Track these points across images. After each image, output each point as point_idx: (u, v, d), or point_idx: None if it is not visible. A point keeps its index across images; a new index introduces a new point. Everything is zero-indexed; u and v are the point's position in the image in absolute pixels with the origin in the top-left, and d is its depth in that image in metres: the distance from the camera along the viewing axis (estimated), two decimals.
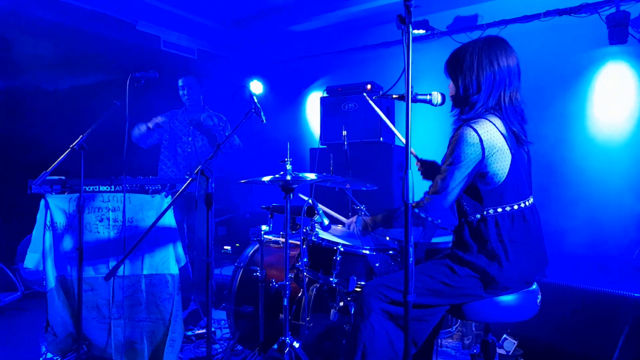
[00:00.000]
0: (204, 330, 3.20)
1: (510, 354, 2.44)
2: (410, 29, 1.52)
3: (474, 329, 2.85)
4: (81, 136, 2.58)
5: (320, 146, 4.34)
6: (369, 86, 4.20)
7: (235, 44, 6.54)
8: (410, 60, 1.52)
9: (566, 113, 4.82)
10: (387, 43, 5.72)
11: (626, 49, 4.44)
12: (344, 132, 3.05)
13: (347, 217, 3.21)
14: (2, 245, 4.55)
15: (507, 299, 1.78)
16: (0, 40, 4.65)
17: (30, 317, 3.54)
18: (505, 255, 1.74)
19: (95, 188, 2.76)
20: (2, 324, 3.43)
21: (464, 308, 1.80)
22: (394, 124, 4.45)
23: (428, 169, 2.19)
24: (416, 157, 2.22)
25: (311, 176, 2.08)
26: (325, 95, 4.41)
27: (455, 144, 1.75)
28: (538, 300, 1.86)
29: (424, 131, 4.82)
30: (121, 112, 3.10)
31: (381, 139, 4.05)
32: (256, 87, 6.41)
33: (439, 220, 1.81)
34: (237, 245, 5.82)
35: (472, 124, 1.75)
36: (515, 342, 2.46)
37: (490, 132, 1.74)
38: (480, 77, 1.81)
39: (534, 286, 1.87)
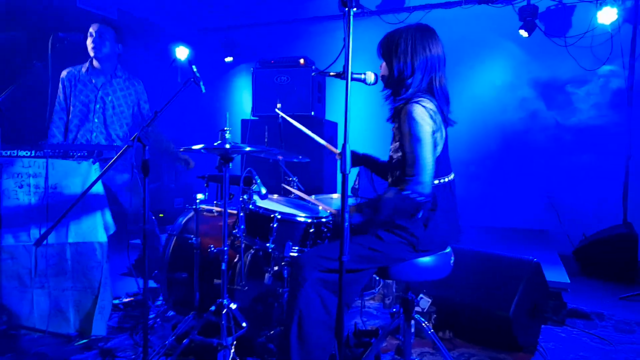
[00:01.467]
0: (131, 299, 3.18)
1: (425, 310, 2.70)
2: (352, 13, 1.62)
3: (394, 291, 3.12)
4: None
5: (252, 118, 4.36)
6: (302, 60, 4.26)
7: (160, 7, 6.24)
8: (351, 42, 1.63)
9: (483, 96, 5.28)
10: (320, 18, 5.79)
11: (533, 38, 4.91)
12: (279, 105, 3.11)
13: (280, 189, 3.32)
14: None
15: (426, 260, 2.00)
16: None
17: None
18: (432, 222, 1.94)
19: (14, 153, 2.60)
20: None
21: (390, 270, 2.00)
22: (324, 100, 4.58)
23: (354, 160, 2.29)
24: (336, 152, 2.28)
25: (249, 147, 2.14)
26: (257, 67, 4.41)
27: (410, 120, 1.86)
28: (451, 262, 2.11)
29: (355, 109, 5.03)
30: (42, 73, 2.93)
31: (312, 112, 4.16)
32: (181, 52, 6.21)
33: (430, 198, 1.86)
34: (161, 215, 5.70)
35: (417, 101, 1.89)
36: (430, 300, 2.73)
37: (431, 109, 1.90)
38: (414, 61, 1.96)
39: (449, 249, 2.11)
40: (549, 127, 5.17)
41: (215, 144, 2.09)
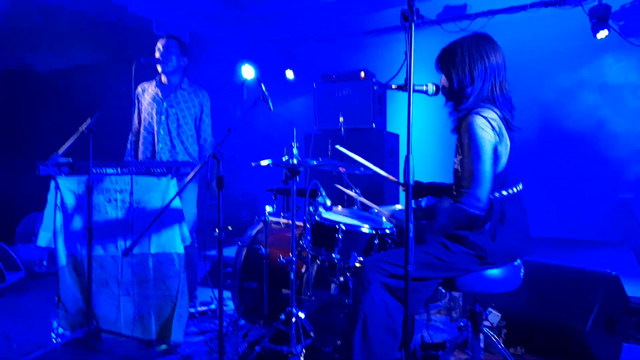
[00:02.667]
0: (206, 308, 3.35)
1: (494, 325, 2.64)
2: (413, 27, 1.66)
3: (461, 304, 3.07)
4: (89, 119, 2.68)
5: (316, 131, 4.48)
6: (362, 73, 4.33)
7: (227, 25, 6.57)
8: (412, 56, 1.67)
9: (549, 102, 5.05)
10: (380, 30, 5.84)
11: (607, 40, 4.65)
12: (341, 119, 3.19)
13: (344, 201, 3.38)
14: (1, 226, 4.63)
15: (495, 272, 1.97)
16: None
17: (34, 296, 3.65)
18: (501, 234, 1.92)
19: (103, 170, 2.86)
20: (9, 302, 3.53)
21: (456, 280, 1.99)
22: (385, 111, 4.61)
23: (415, 191, 2.31)
24: (399, 183, 2.32)
25: (315, 161, 2.22)
26: (320, 81, 4.53)
27: (470, 132, 1.87)
28: (521, 274, 2.06)
29: (417, 121, 5.01)
30: (125, 94, 3.22)
31: (373, 125, 4.21)
32: (248, 71, 6.50)
33: (483, 212, 1.85)
34: (230, 228, 5.93)
35: (479, 112, 1.89)
36: (499, 314, 2.67)
37: (495, 120, 1.89)
38: (473, 70, 1.97)
39: (518, 261, 2.06)
40: (620, 134, 4.84)
41: (284, 158, 2.20)
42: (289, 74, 6.36)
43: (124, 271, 2.82)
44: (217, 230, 2.14)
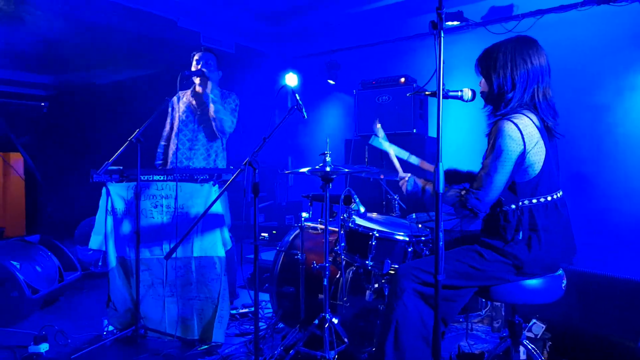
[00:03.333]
0: (247, 310, 3.44)
1: (538, 337, 2.55)
2: (442, 35, 1.65)
3: (503, 313, 2.97)
4: (138, 129, 2.84)
5: (355, 137, 4.49)
6: (402, 79, 4.31)
7: (271, 38, 6.75)
8: (442, 64, 1.66)
9: (602, 105, 4.80)
10: (421, 35, 5.78)
11: None
12: (378, 125, 3.19)
13: (381, 207, 3.37)
14: (61, 228, 4.96)
15: (533, 282, 1.91)
16: (56, 42, 5.00)
17: (88, 295, 3.88)
18: (536, 244, 1.86)
19: (150, 177, 3.01)
20: (65, 301, 3.78)
21: (492, 290, 1.94)
22: (427, 116, 4.56)
23: (452, 178, 2.30)
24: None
25: (347, 168, 2.24)
26: (359, 88, 4.55)
27: (497, 137, 1.83)
28: (563, 285, 1.98)
29: (456, 125, 4.91)
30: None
31: (414, 130, 4.17)
32: (291, 79, 6.63)
33: (483, 215, 1.89)
34: (274, 232, 6.05)
35: (511, 118, 1.85)
36: (544, 326, 2.57)
37: (528, 126, 1.84)
38: (514, 75, 1.91)
39: (560, 272, 1.98)
40: None
41: (317, 166, 2.23)
42: (331, 81, 6.43)
43: (169, 274, 2.96)
44: (263, 235, 2.20)
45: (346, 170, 2.20)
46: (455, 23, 5.43)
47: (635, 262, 4.36)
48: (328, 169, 2.17)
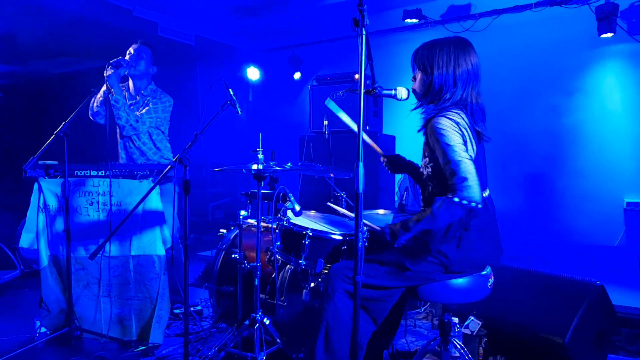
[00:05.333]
0: (192, 308, 3.36)
1: (474, 333, 2.57)
2: (364, 32, 1.63)
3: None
4: (64, 122, 2.71)
5: (309, 134, 4.45)
6: (356, 76, 4.28)
7: (233, 31, 6.62)
8: (364, 61, 1.64)
9: (556, 105, 4.90)
10: (382, 31, 5.78)
11: (615, 40, 4.48)
12: (325, 122, 3.17)
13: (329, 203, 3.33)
14: (2, 226, 4.75)
15: (459, 281, 1.91)
16: (4, 31, 4.78)
17: (28, 294, 3.73)
18: (466, 242, 1.86)
19: (87, 173, 2.90)
20: (1, 301, 3.62)
21: (419, 290, 1.93)
22: (381, 114, 4.55)
23: (394, 164, 2.30)
24: (381, 153, 2.34)
25: (279, 166, 2.20)
26: (314, 84, 4.51)
27: (440, 133, 1.81)
28: (489, 284, 1.99)
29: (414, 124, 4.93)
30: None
31: (367, 127, 4.15)
32: (252, 73, 6.53)
33: (481, 204, 1.73)
34: (232, 228, 5.98)
35: (444, 114, 1.84)
36: (480, 322, 2.59)
37: (462, 124, 1.84)
38: (456, 73, 1.91)
39: (487, 270, 1.99)
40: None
41: (256, 166, 2.18)
42: (297, 76, 6.37)
43: (105, 273, 2.86)
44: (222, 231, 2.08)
45: (277, 168, 2.15)
46: (414, 20, 5.45)
47: (580, 261, 4.48)
48: (260, 166, 2.12)
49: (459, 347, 2.09)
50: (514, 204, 4.90)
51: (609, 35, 4.39)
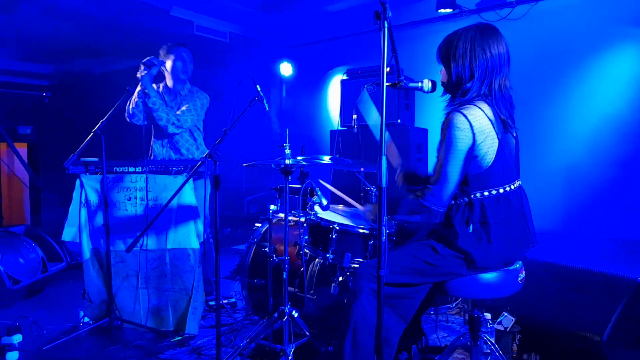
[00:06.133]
0: (226, 300, 3.45)
1: (508, 329, 2.52)
2: (386, 25, 1.61)
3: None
4: (101, 121, 2.83)
5: (340, 128, 4.45)
6: (388, 69, 4.23)
7: (265, 27, 6.69)
8: (386, 56, 1.63)
9: (596, 92, 4.69)
10: (415, 23, 5.68)
11: None
12: (354, 116, 3.16)
13: (359, 199, 3.34)
14: (51, 220, 5.02)
15: (488, 276, 1.88)
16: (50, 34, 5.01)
17: (73, 286, 3.92)
18: (487, 237, 1.83)
19: (125, 169, 3.02)
20: (48, 291, 3.83)
21: (447, 285, 1.91)
22: (413, 107, 4.49)
23: (410, 179, 2.25)
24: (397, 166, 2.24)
25: (305, 161, 2.22)
26: (345, 77, 4.50)
27: (447, 130, 1.81)
28: (520, 279, 1.94)
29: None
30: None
31: (399, 120, 4.11)
32: (285, 68, 6.58)
33: (443, 209, 1.86)
34: (263, 222, 6.05)
35: (461, 110, 1.82)
36: (513, 318, 2.54)
37: (478, 118, 1.80)
38: (473, 65, 1.87)
39: (517, 265, 1.95)
40: None
41: (278, 159, 2.21)
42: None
43: (143, 265, 2.97)
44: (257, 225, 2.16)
45: (305, 163, 2.17)
46: (448, 10, 5.33)
47: (619, 256, 4.28)
48: (289, 161, 2.15)
49: (489, 343, 2.05)
50: (550, 195, 4.73)
51: None
